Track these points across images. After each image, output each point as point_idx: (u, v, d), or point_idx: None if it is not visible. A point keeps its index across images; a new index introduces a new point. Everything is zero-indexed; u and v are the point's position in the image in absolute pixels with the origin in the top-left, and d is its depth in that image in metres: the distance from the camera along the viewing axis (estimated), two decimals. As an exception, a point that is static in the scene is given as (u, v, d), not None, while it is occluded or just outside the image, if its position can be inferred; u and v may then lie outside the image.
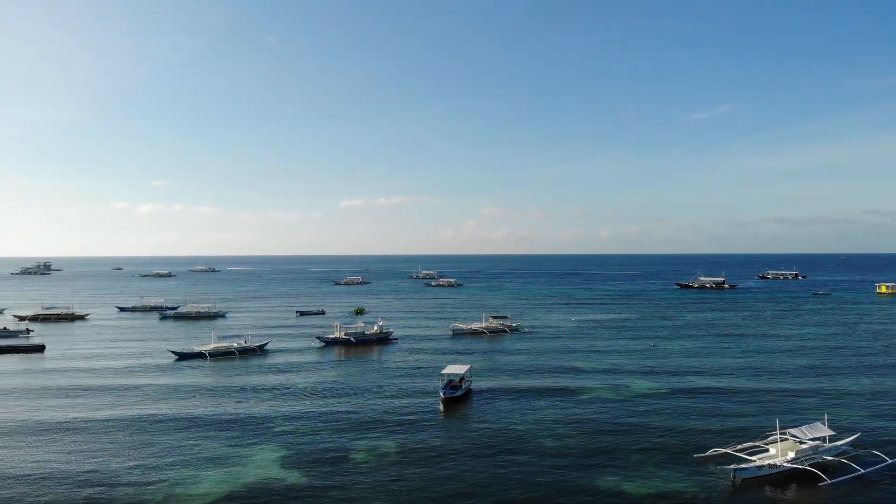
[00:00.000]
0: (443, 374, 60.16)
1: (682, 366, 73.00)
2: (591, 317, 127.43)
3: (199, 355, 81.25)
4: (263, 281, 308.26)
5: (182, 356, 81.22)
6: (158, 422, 50.23)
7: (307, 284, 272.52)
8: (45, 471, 38.94)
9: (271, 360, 79.59)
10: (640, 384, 63.06)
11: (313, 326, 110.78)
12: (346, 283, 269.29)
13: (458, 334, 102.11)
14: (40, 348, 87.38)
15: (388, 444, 43.92)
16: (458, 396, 56.94)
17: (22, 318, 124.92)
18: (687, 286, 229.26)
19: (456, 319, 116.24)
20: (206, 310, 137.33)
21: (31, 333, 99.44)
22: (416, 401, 56.69)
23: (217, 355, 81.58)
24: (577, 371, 70.28)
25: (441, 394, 56.83)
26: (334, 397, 58.40)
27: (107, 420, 50.80)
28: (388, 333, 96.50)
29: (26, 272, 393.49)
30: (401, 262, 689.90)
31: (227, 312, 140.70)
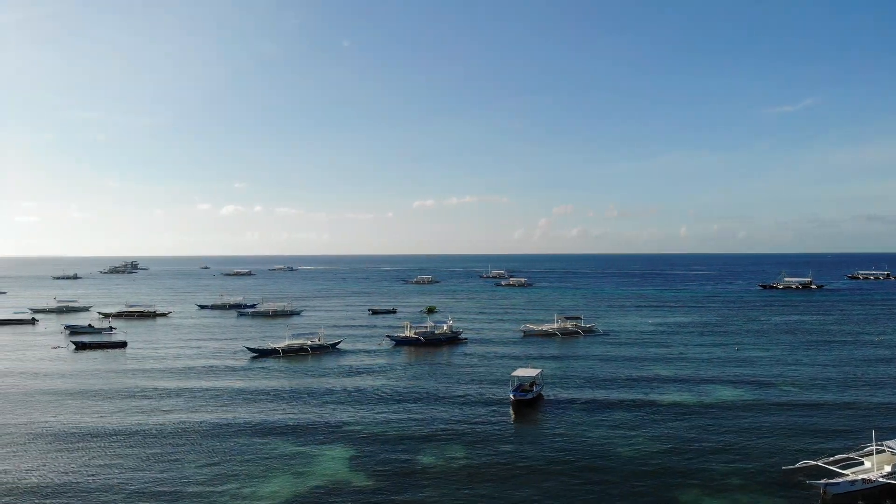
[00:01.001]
0: (513, 377, 58.68)
1: (768, 372, 68.87)
2: (670, 319, 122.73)
3: (273, 352, 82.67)
4: (338, 280, 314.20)
5: (257, 353, 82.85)
6: (230, 420, 50.83)
7: (379, 283, 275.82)
8: (117, 467, 39.90)
9: (343, 358, 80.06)
10: (724, 391, 59.72)
11: (384, 325, 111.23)
12: (416, 283, 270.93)
13: (528, 335, 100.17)
14: (122, 345, 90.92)
15: (457, 449, 42.85)
16: (528, 400, 55.33)
17: (106, 316, 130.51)
18: (771, 287, 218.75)
19: (527, 320, 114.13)
20: (282, 308, 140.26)
21: (114, 330, 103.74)
22: (486, 404, 55.39)
23: (290, 352, 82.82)
24: (656, 376, 67.34)
25: (511, 396, 55.37)
26: (403, 398, 57.86)
27: (179, 418, 51.87)
28: (458, 333, 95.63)
29: (114, 271, 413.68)
30: (470, 262, 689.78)
31: (302, 310, 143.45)
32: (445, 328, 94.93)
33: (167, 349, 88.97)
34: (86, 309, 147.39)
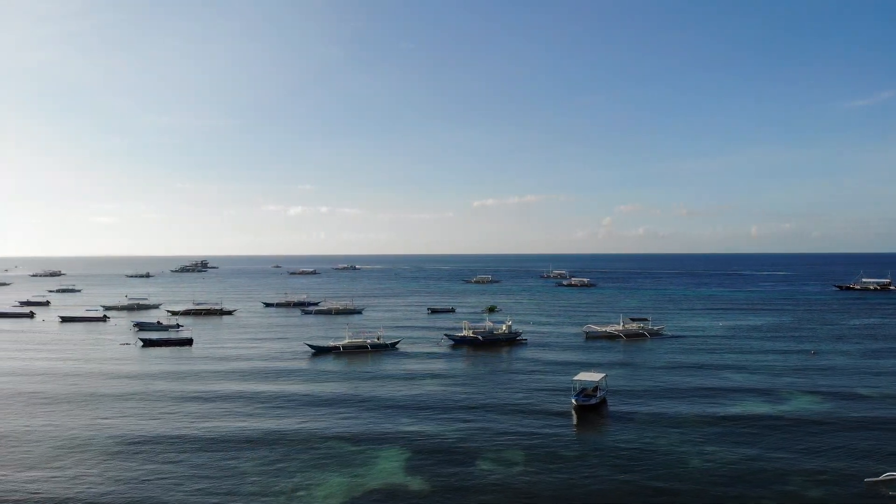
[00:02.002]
0: (575, 381, 56.68)
1: (846, 377, 64.60)
2: (742, 322, 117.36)
3: (334, 349, 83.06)
4: (398, 279, 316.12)
5: (318, 350, 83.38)
6: (288, 417, 50.86)
7: (439, 282, 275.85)
8: (174, 463, 40.17)
9: (401, 357, 79.53)
10: (800, 397, 56.16)
11: (443, 324, 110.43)
12: (476, 282, 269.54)
13: (592, 337, 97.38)
14: (188, 342, 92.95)
15: (516, 454, 41.37)
16: (591, 406, 53.22)
17: (174, 314, 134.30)
18: (848, 288, 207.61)
19: (589, 321, 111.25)
20: (343, 306, 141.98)
21: (181, 328, 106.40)
22: (546, 409, 53.58)
23: (350, 350, 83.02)
24: (727, 381, 63.99)
25: (573, 401, 53.40)
26: (461, 400, 56.63)
27: (238, 415, 52.19)
28: (518, 334, 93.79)
29: (185, 270, 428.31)
30: (531, 262, 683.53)
31: (363, 309, 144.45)
32: (504, 328, 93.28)
33: (231, 346, 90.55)
34: (156, 306, 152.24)
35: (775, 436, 45.12)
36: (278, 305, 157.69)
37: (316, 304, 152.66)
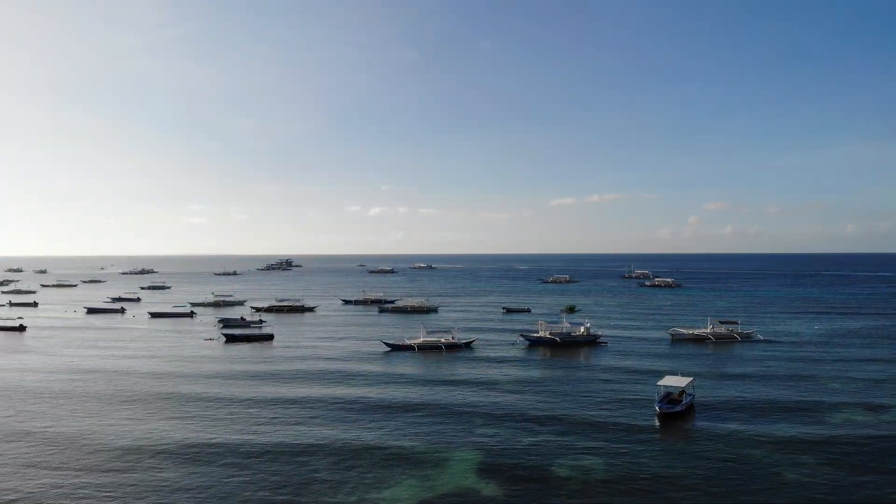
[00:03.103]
0: (659, 386, 53.60)
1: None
2: (839, 325, 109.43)
3: (409, 348, 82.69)
4: (474, 278, 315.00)
5: (393, 348, 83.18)
6: (361, 416, 50.42)
7: (515, 282, 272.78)
8: (244, 456, 40.24)
9: (476, 357, 78.10)
10: (914, 412, 50.96)
11: (519, 324, 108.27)
12: (552, 282, 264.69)
13: (677, 340, 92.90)
14: (270, 337, 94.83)
15: (595, 462, 39.15)
16: (677, 412, 50.11)
17: (258, 310, 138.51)
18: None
19: (675, 323, 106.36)
20: (419, 304, 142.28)
21: (264, 324, 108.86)
22: (628, 414, 50.87)
23: (425, 348, 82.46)
24: (824, 389, 59.23)
25: (657, 408, 50.43)
26: (537, 403, 54.61)
27: (312, 411, 52.16)
28: (597, 336, 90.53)
29: (270, 268, 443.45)
30: (612, 261, 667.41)
31: (438, 307, 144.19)
32: (583, 330, 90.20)
33: (309, 343, 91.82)
34: (240, 303, 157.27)
35: (878, 449, 40.96)
36: (356, 303, 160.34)
37: (392, 302, 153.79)
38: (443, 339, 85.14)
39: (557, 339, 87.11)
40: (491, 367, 71.69)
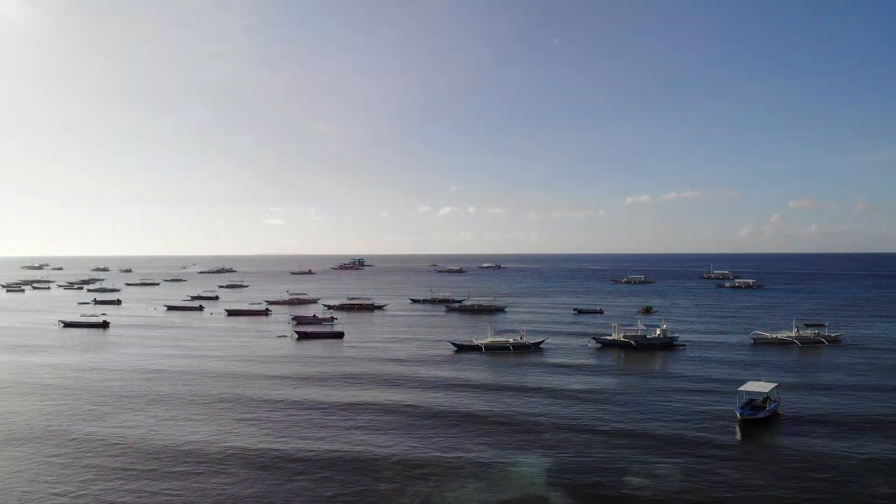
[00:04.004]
0: (741, 392, 50.49)
1: None
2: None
3: (476, 348, 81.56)
4: (543, 278, 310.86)
5: (460, 347, 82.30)
6: (426, 415, 49.70)
7: (587, 282, 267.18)
8: (307, 450, 40.07)
9: (545, 358, 76.20)
10: None
11: (590, 326, 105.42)
12: (626, 282, 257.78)
13: (759, 343, 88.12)
14: (340, 335, 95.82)
15: (671, 471, 36.94)
16: (759, 419, 47.07)
17: (330, 308, 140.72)
18: None
19: (756, 326, 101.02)
20: (487, 304, 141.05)
21: (335, 321, 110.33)
22: (706, 421, 48.03)
23: (492, 349, 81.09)
24: (928, 400, 54.39)
25: (738, 414, 47.50)
26: (610, 408, 52.44)
27: (377, 410, 51.79)
28: (674, 338, 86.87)
29: (343, 268, 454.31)
30: (689, 261, 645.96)
31: (506, 307, 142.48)
32: (658, 332, 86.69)
33: (379, 340, 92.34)
34: (314, 301, 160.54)
35: None
36: (424, 302, 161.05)
37: (460, 301, 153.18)
38: (511, 340, 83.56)
39: (632, 341, 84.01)
40: (560, 370, 69.63)
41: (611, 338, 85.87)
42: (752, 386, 50.83)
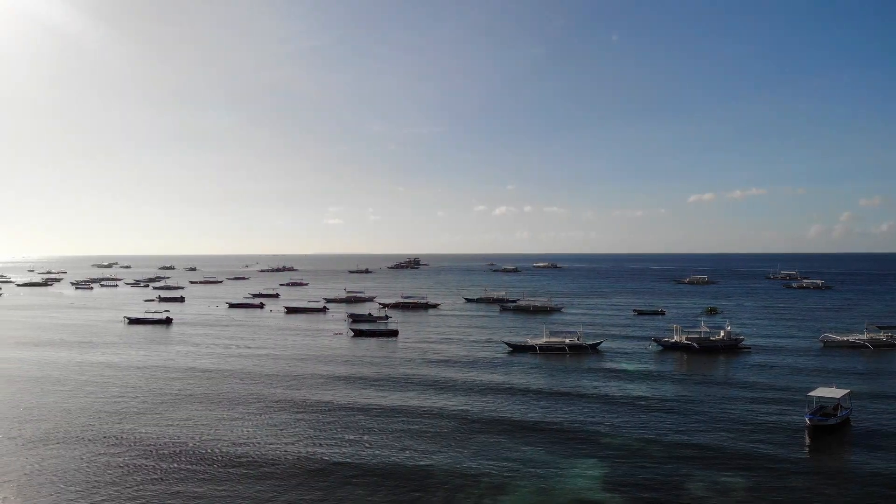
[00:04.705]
0: (811, 397, 48.09)
1: None
2: None
3: (531, 348, 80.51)
4: (602, 278, 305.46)
5: (515, 348, 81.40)
6: (480, 416, 49.18)
7: (647, 283, 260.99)
8: (361, 445, 40.08)
9: (602, 360, 74.54)
10: None
11: (651, 327, 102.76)
12: (689, 283, 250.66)
13: (829, 347, 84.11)
14: (394, 333, 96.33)
15: (734, 479, 35.42)
16: (830, 426, 44.74)
17: (385, 306, 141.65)
18: None
19: (826, 328, 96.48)
20: (542, 304, 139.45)
21: (390, 319, 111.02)
22: (773, 427, 45.96)
23: (547, 350, 79.82)
24: None
25: (807, 420, 45.27)
26: (670, 412, 50.77)
27: (431, 409, 51.58)
28: (738, 340, 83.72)
29: (399, 267, 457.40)
30: (755, 261, 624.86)
31: (562, 307, 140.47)
32: (722, 334, 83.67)
33: (432, 339, 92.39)
34: (370, 299, 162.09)
35: None
36: (478, 301, 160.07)
37: (514, 301, 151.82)
38: (567, 341, 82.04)
39: (694, 344, 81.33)
40: (619, 372, 68.08)
41: (672, 340, 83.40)
42: (822, 392, 48.39)
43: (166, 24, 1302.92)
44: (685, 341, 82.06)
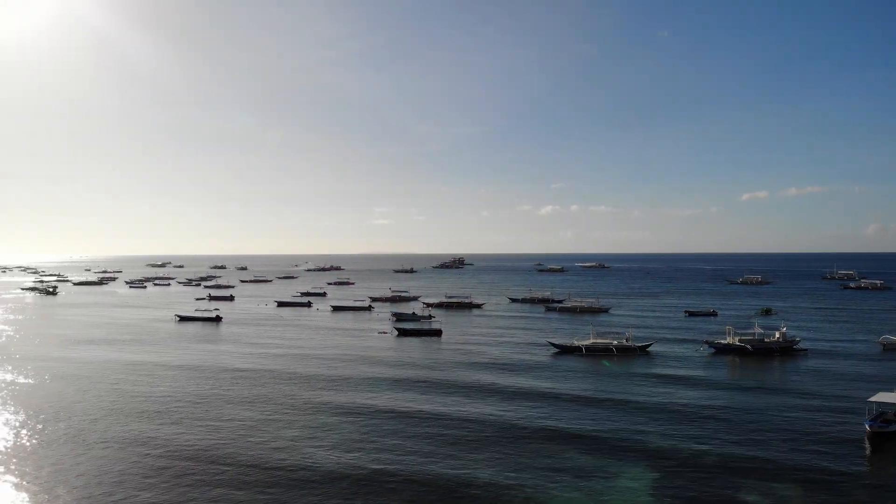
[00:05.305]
0: (871, 403, 45.93)
1: None
2: None
3: (576, 349, 79.25)
4: (651, 278, 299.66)
5: (560, 349, 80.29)
6: (524, 417, 48.50)
7: (698, 283, 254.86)
8: (404, 452, 39.81)
9: (652, 363, 72.79)
10: None
11: (702, 329, 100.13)
12: (742, 283, 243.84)
13: (890, 349, 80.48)
14: (438, 332, 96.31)
15: (790, 489, 34.04)
16: (891, 433, 42.66)
17: (428, 305, 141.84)
18: None
19: (886, 330, 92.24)
20: (589, 304, 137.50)
21: (433, 319, 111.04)
22: (830, 434, 44.05)
23: (594, 351, 78.42)
24: None
25: (867, 427, 43.26)
26: (722, 417, 49.10)
27: (475, 410, 51.09)
28: (794, 342, 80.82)
29: (444, 266, 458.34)
30: (811, 261, 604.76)
31: (610, 308, 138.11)
32: (777, 336, 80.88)
33: (476, 339, 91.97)
34: (414, 298, 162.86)
35: None
36: (523, 301, 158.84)
37: (560, 301, 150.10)
38: (614, 342, 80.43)
39: (748, 346, 78.79)
40: (669, 374, 66.26)
41: (725, 342, 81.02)
42: (883, 396, 46.14)
43: (214, 26, 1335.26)
44: (738, 343, 79.59)
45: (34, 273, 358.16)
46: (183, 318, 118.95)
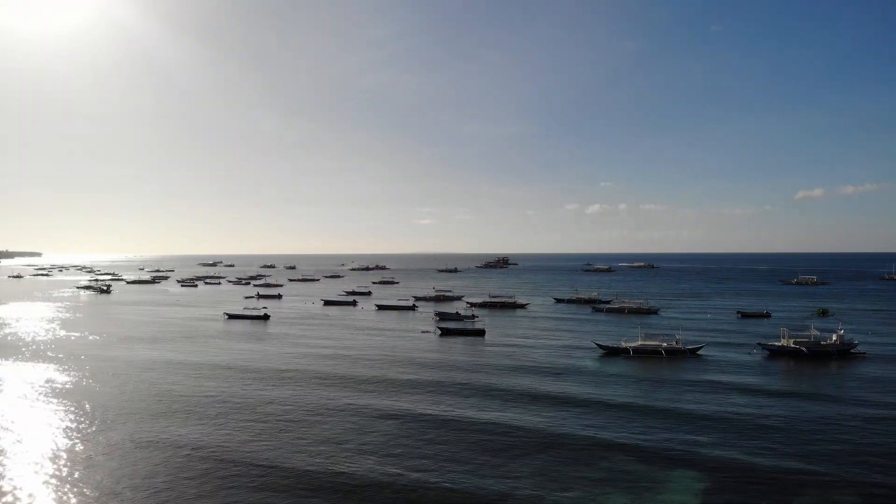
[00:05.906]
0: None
1: None
2: None
3: (624, 351, 77.55)
4: (704, 278, 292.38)
5: (607, 350, 78.71)
6: (569, 420, 47.42)
7: (752, 283, 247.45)
8: (440, 458, 39.20)
9: (703, 366, 70.57)
10: None
11: (756, 331, 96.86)
12: (797, 283, 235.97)
13: (959, 356, 76.42)
14: (481, 332, 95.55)
15: (849, 498, 32.39)
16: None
17: (472, 305, 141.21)
18: None
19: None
20: (637, 305, 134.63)
21: (477, 319, 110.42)
22: (891, 442, 41.88)
23: (642, 353, 76.55)
24: None
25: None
26: (777, 423, 47.13)
27: (519, 412, 50.28)
28: (852, 345, 77.44)
29: (488, 266, 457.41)
30: (868, 261, 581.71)
31: (659, 309, 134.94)
32: (835, 338, 77.63)
33: (520, 339, 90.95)
34: (458, 298, 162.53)
35: None
36: (569, 301, 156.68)
37: (607, 301, 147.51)
38: (664, 344, 78.34)
39: (803, 349, 75.84)
40: (721, 378, 64.01)
41: (779, 344, 78.13)
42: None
43: (261, 30, 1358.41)
44: (793, 346, 76.69)
45: (89, 272, 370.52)
46: (232, 317, 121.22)
